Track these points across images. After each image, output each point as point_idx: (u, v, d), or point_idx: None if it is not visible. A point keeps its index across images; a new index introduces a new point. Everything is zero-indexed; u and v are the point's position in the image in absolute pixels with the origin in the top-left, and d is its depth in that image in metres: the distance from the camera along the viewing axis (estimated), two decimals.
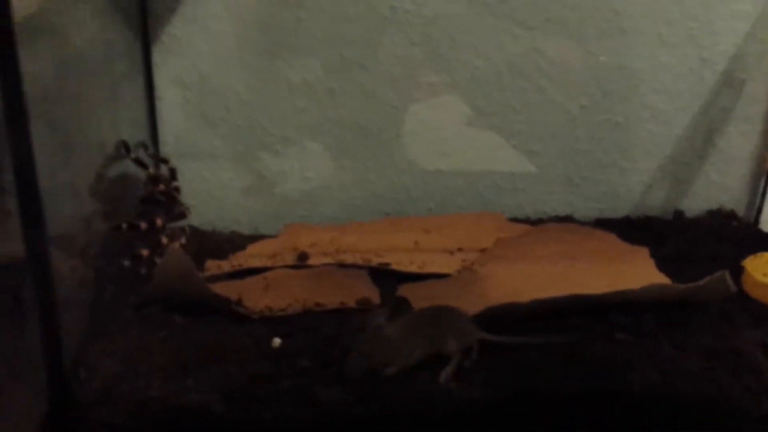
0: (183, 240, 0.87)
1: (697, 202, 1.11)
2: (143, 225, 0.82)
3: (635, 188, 1.10)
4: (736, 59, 1.03)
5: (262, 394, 0.67)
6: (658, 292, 0.81)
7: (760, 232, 1.08)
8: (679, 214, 1.11)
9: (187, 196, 0.99)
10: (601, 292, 0.80)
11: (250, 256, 0.95)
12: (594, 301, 0.79)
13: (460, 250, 0.98)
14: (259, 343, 0.74)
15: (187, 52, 0.97)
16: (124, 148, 0.85)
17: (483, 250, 0.96)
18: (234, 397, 0.66)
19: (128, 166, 0.88)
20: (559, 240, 0.93)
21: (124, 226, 0.80)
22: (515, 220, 1.06)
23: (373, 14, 0.97)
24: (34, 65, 0.63)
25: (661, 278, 0.89)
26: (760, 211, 1.11)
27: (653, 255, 0.95)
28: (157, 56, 0.97)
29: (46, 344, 0.60)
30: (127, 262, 0.80)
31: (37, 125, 0.61)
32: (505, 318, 0.77)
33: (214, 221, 1.04)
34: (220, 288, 0.85)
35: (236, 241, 1.00)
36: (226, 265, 0.93)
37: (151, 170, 0.87)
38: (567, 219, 1.08)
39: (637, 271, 0.90)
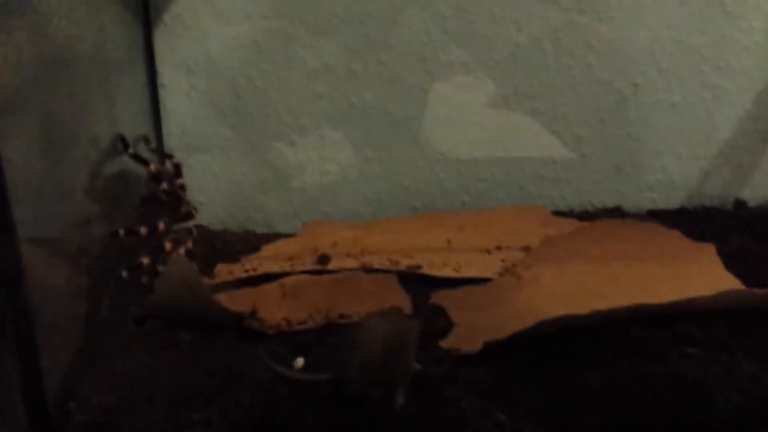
0: (189, 244, 0.78)
1: (759, 190, 1.01)
2: (143, 229, 0.73)
3: (692, 176, 1.00)
4: None
5: (279, 430, 0.57)
6: (734, 300, 0.71)
7: None
8: (740, 204, 1.01)
9: (195, 193, 0.92)
10: (668, 301, 0.70)
11: (265, 259, 0.87)
12: (660, 310, 0.70)
13: (498, 248, 0.88)
14: (277, 364, 0.65)
15: (192, 34, 0.89)
16: (121, 142, 0.76)
17: (526, 249, 0.87)
18: None
19: (128, 163, 0.79)
20: (614, 237, 0.83)
21: (122, 231, 0.71)
22: (558, 213, 0.98)
23: None
24: (8, 49, 0.55)
25: (731, 281, 0.79)
26: None
27: (718, 252, 0.84)
28: (160, 39, 0.89)
29: (23, 374, 0.52)
30: (125, 273, 0.71)
31: (12, 118, 0.52)
32: (560, 333, 0.67)
33: (225, 220, 0.96)
34: (232, 297, 0.78)
35: (250, 241, 0.92)
36: (238, 270, 0.84)
37: (153, 167, 0.78)
38: (616, 211, 0.99)
39: (704, 274, 0.80)
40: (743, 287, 0.77)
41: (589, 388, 0.63)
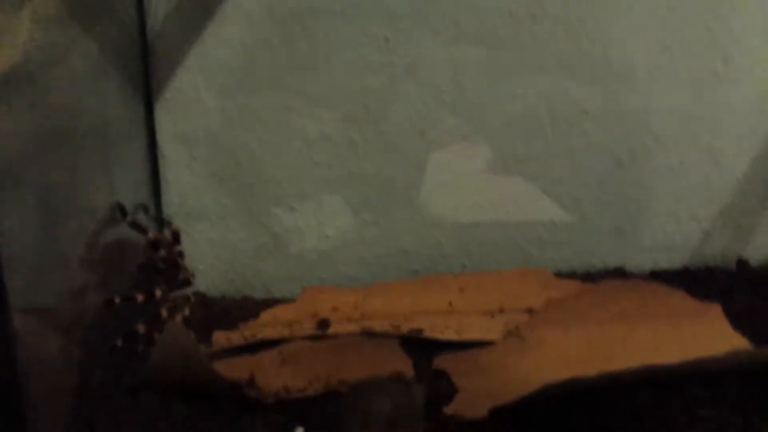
0: (187, 311, 0.77)
1: (762, 249, 1.00)
2: (140, 297, 0.72)
3: (693, 237, 0.99)
4: None
5: None
6: (745, 359, 0.69)
7: None
8: (743, 264, 1.00)
9: (193, 260, 0.91)
10: (678, 361, 0.68)
11: (264, 326, 0.85)
12: (670, 372, 0.68)
13: (501, 311, 0.87)
14: None
15: (193, 107, 0.89)
16: (119, 211, 0.76)
17: (529, 311, 0.85)
18: None
19: (127, 232, 0.78)
20: (619, 298, 0.82)
21: (117, 299, 0.70)
22: (559, 274, 0.96)
23: (397, 62, 0.89)
24: (6, 121, 0.55)
25: (740, 341, 0.77)
26: None
27: (724, 311, 0.83)
28: (161, 112, 0.89)
29: None
30: (120, 342, 0.69)
31: (8, 189, 0.53)
32: (567, 397, 0.65)
33: (223, 286, 0.95)
34: (229, 365, 0.75)
35: (248, 308, 0.90)
36: (236, 337, 0.82)
37: (151, 234, 0.77)
38: (618, 271, 0.98)
39: (712, 333, 0.78)
40: (752, 346, 0.75)
41: None
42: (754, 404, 0.68)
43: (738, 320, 0.82)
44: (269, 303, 0.91)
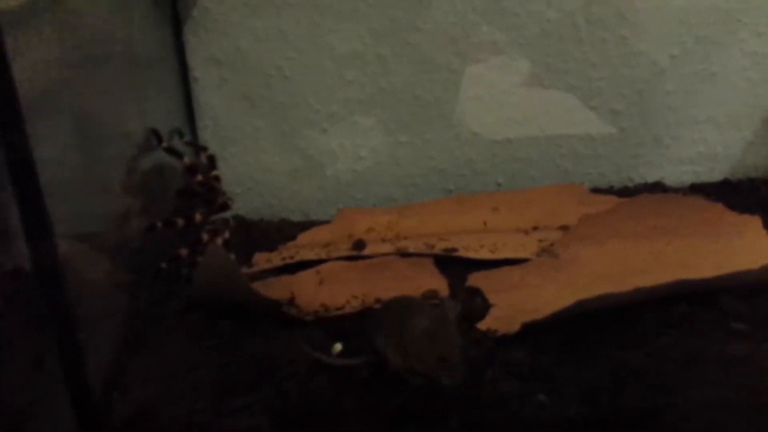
0: (227, 234, 0.78)
1: None
2: (180, 222, 0.73)
3: (735, 146, 0.97)
4: None
5: (320, 416, 0.58)
6: None
7: None
8: None
9: (231, 184, 0.92)
10: (712, 275, 0.68)
11: (302, 247, 0.87)
12: (704, 286, 0.68)
13: (535, 229, 0.87)
14: (316, 350, 0.65)
15: (221, 27, 0.89)
16: (154, 136, 0.77)
17: (563, 228, 0.85)
18: (288, 421, 0.57)
19: (163, 157, 0.80)
20: (655, 213, 0.80)
21: (159, 224, 0.72)
22: (597, 190, 0.95)
23: None
24: (38, 52, 0.56)
25: None
26: None
27: (764, 224, 0.81)
28: (189, 33, 0.89)
29: (66, 368, 0.53)
30: (164, 265, 0.72)
31: (43, 118, 0.53)
32: (600, 312, 0.65)
33: (261, 209, 0.97)
34: (270, 285, 0.78)
35: (286, 230, 0.92)
36: (276, 258, 0.84)
37: (187, 160, 0.78)
38: (657, 186, 0.97)
39: (749, 246, 0.77)
40: None
41: (632, 367, 0.62)
42: None
43: None
44: (306, 225, 0.92)
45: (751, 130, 0.96)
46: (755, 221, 0.81)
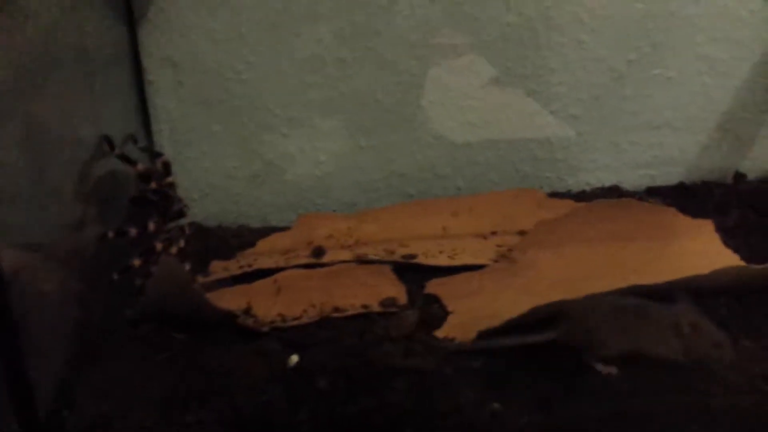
0: (182, 243, 0.77)
1: (759, 163, 0.99)
2: (133, 231, 0.72)
3: (690, 150, 0.98)
4: None
5: (274, 429, 0.57)
6: (733, 276, 0.70)
7: None
8: (740, 178, 0.99)
9: (188, 190, 0.91)
10: (665, 280, 0.68)
11: (260, 255, 0.86)
12: (657, 290, 0.68)
13: (494, 233, 0.87)
14: (271, 362, 0.65)
15: (177, 28, 0.87)
16: (106, 143, 0.75)
17: (521, 233, 0.85)
18: None
19: (117, 164, 0.78)
20: (610, 218, 0.81)
21: (111, 234, 0.70)
22: (555, 194, 0.96)
23: None
24: None
25: (730, 258, 0.77)
26: None
27: (716, 227, 0.83)
28: (144, 35, 0.87)
29: (11, 385, 0.51)
30: (116, 275, 0.70)
31: None
32: (554, 319, 0.66)
33: (219, 215, 0.95)
34: (226, 294, 0.77)
35: (245, 236, 0.91)
36: (233, 266, 0.83)
37: (140, 167, 0.77)
38: (613, 189, 0.98)
39: (702, 251, 0.78)
40: (742, 263, 0.76)
41: (586, 374, 0.62)
42: (739, 321, 0.69)
43: (732, 235, 0.82)
44: (265, 231, 0.91)
45: (706, 134, 0.98)
46: (708, 225, 0.82)
